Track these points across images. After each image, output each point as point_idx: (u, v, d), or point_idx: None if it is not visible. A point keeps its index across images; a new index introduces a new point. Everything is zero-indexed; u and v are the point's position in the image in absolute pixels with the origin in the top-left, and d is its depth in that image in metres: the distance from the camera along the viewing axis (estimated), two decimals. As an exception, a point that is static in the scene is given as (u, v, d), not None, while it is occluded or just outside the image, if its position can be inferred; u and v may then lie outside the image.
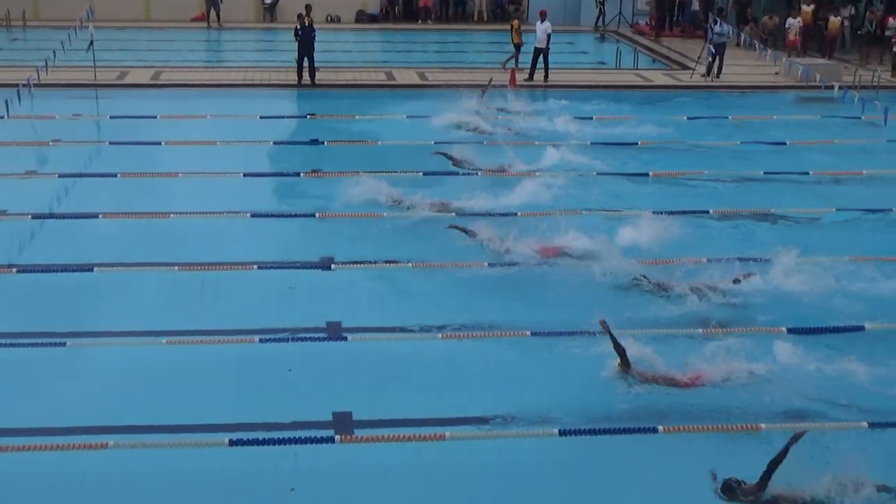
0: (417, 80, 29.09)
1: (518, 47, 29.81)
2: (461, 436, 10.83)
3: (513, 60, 29.84)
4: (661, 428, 10.91)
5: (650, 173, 20.38)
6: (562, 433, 10.80)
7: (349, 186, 18.30)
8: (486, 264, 15.21)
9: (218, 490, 10.07)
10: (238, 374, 12.15)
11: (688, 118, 25.33)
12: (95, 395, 11.68)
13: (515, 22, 30.61)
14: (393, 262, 15.41)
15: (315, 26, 28.05)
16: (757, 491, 9.62)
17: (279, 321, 13.47)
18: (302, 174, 19.67)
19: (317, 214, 17.39)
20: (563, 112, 24.91)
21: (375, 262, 15.39)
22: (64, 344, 12.74)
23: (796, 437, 9.79)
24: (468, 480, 10.23)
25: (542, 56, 28.99)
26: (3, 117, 19.14)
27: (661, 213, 17.19)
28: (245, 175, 19.49)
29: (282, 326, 13.32)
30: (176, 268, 15.13)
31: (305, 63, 27.92)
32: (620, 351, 11.91)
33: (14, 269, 15.13)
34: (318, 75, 28.14)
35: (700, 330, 13.14)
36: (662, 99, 27.99)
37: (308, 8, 28.26)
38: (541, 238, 15.78)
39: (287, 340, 12.98)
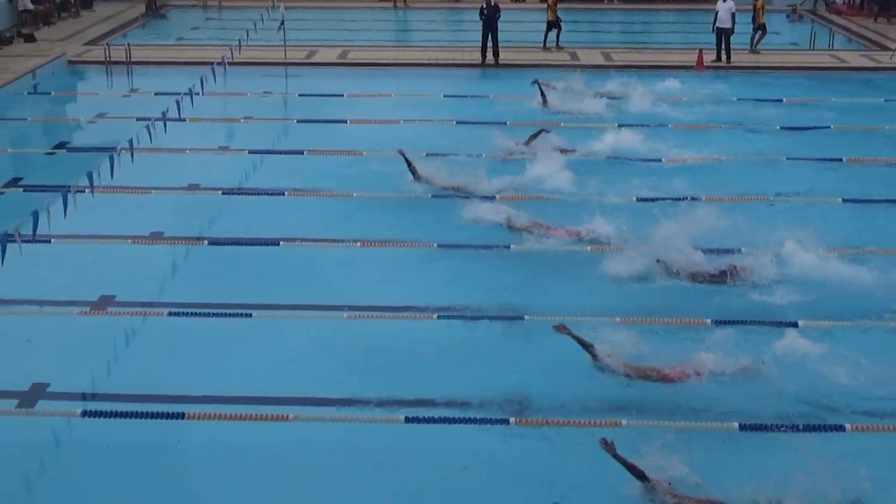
0: (602, 61, 28.68)
1: None
2: (637, 425, 10.67)
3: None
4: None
5: (843, 159, 19.57)
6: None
7: (533, 167, 18.24)
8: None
9: (392, 466, 10.20)
10: (415, 350, 12.27)
11: (885, 100, 24.20)
12: (278, 367, 12.01)
13: None
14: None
15: (500, 6, 28.01)
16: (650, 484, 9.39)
17: (457, 299, 13.56)
18: (483, 154, 19.67)
19: (497, 196, 17.37)
20: (751, 94, 24.17)
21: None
22: (250, 315, 13.15)
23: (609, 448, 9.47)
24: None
25: (724, 37, 28.12)
26: (198, 94, 19.82)
27: (854, 200, 16.51)
28: (427, 154, 19.62)
29: (459, 304, 13.41)
30: (358, 244, 15.40)
31: (489, 42, 27.94)
32: (588, 347, 11.77)
33: (205, 241, 15.70)
34: (501, 55, 28.11)
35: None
36: (859, 81, 26.78)
37: (493, -13, 28.26)
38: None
39: (466, 318, 13.05)
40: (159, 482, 9.93)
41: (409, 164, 17.85)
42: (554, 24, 29.92)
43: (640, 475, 9.42)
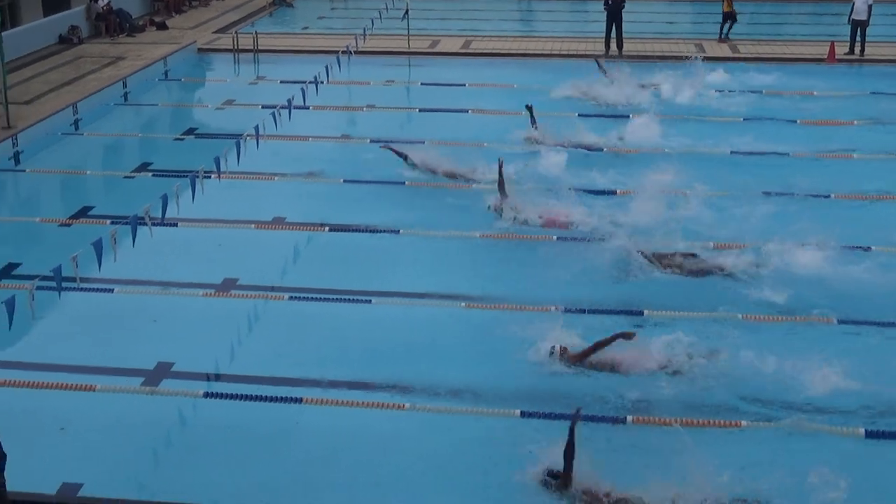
0: (729, 53, 28.09)
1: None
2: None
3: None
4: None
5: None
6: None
7: (652, 162, 17.99)
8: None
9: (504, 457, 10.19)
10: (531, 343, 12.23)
11: None
12: (396, 353, 12.09)
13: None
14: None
15: (626, -5, 27.72)
16: (564, 481, 9.36)
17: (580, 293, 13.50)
18: (605, 149, 19.48)
19: (618, 191, 17.18)
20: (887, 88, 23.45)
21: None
22: (369, 301, 13.27)
23: (575, 419, 9.36)
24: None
25: (860, 29, 27.23)
26: (322, 82, 20.04)
27: None
28: (556, 144, 19.53)
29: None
30: (477, 234, 15.40)
31: (613, 33, 27.64)
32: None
33: (326, 228, 15.89)
34: (625, 46, 27.77)
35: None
36: None
37: (618, -22, 27.91)
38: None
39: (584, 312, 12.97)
40: (277, 465, 10.09)
41: (399, 155, 18.22)
42: (730, 16, 29.30)
43: (569, 465, 9.36)
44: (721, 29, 29.40)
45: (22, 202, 18.56)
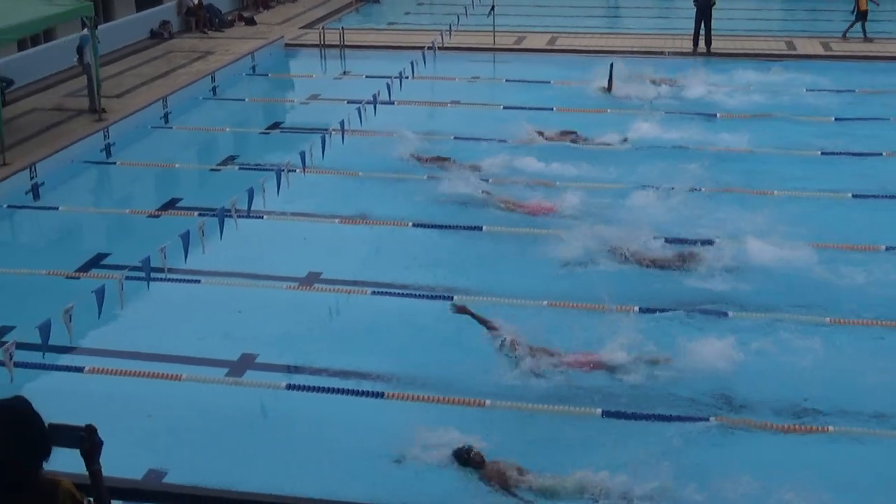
0: (820, 51, 27.53)
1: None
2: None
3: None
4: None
5: None
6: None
7: (736, 163, 17.75)
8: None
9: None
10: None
11: None
12: (479, 349, 12.06)
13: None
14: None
15: (715, -8, 27.33)
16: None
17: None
18: (691, 147, 19.24)
19: (703, 189, 16.96)
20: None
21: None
22: (450, 298, 13.26)
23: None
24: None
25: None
26: (408, 77, 20.12)
27: None
28: (635, 148, 19.35)
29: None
30: (562, 233, 15.32)
31: (702, 30, 27.29)
32: (489, 326, 11.98)
33: (409, 224, 15.89)
34: (714, 43, 27.40)
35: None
36: None
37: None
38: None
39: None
40: (358, 456, 10.14)
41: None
42: (864, 15, 28.35)
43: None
44: (862, 27, 28.22)
45: (112, 194, 18.95)
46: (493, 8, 27.71)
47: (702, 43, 27.39)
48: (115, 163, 19.61)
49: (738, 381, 11.29)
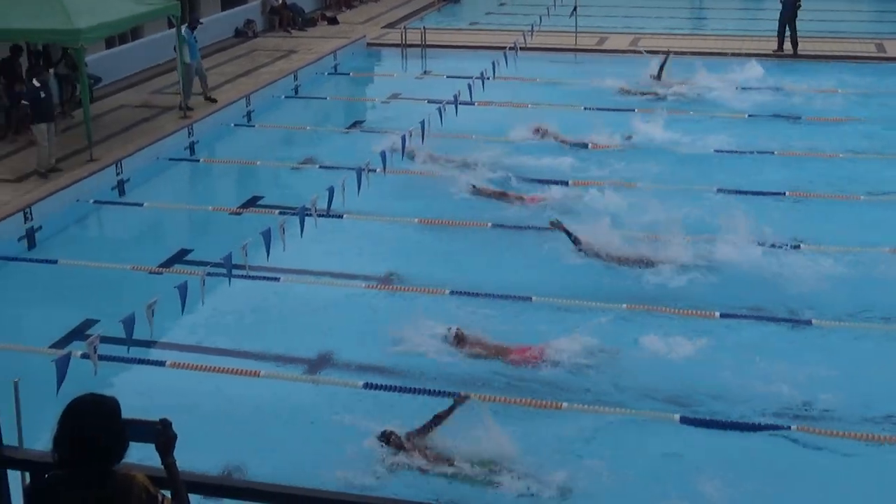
0: (910, 54, 26.90)
1: None
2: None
3: None
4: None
5: None
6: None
7: (819, 166, 17.44)
8: None
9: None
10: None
11: None
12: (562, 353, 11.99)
13: None
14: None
15: (802, -7, 26.83)
16: (409, 441, 9.99)
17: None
18: (776, 152, 18.92)
19: (787, 192, 16.67)
20: None
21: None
22: (530, 299, 13.18)
23: (459, 401, 10.20)
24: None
25: None
26: (489, 78, 20.05)
27: None
28: (716, 151, 19.09)
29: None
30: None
31: (787, 31, 26.80)
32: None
33: (489, 224, 15.84)
34: (800, 45, 26.90)
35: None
36: None
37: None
38: None
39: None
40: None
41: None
42: None
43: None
44: None
45: (195, 191, 19.20)
46: (575, 8, 27.54)
47: (787, 44, 26.90)
48: (198, 160, 19.88)
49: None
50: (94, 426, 4.28)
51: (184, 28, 21.51)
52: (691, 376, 11.42)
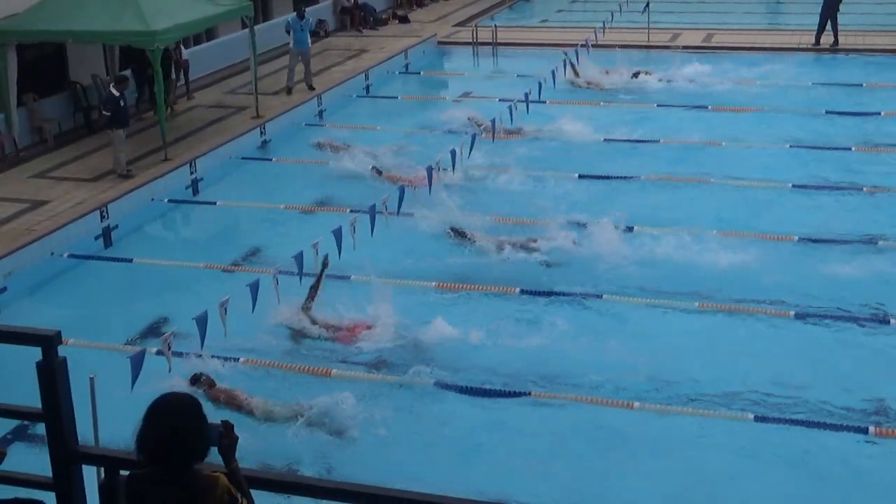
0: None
1: None
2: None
3: None
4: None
5: None
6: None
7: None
8: None
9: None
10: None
11: None
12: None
13: None
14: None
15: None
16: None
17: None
18: (853, 148, 18.58)
19: (864, 188, 16.37)
20: None
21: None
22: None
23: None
24: None
25: None
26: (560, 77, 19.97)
27: None
28: (791, 146, 18.80)
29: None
30: (715, 232, 14.95)
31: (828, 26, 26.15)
32: None
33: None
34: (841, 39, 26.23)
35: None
36: None
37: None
38: None
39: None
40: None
41: None
42: None
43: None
44: None
45: (267, 190, 19.32)
46: (647, 5, 27.30)
47: (825, 38, 26.28)
48: (270, 159, 20.02)
49: None
50: (180, 425, 4.30)
51: (291, 17, 23.38)
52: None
